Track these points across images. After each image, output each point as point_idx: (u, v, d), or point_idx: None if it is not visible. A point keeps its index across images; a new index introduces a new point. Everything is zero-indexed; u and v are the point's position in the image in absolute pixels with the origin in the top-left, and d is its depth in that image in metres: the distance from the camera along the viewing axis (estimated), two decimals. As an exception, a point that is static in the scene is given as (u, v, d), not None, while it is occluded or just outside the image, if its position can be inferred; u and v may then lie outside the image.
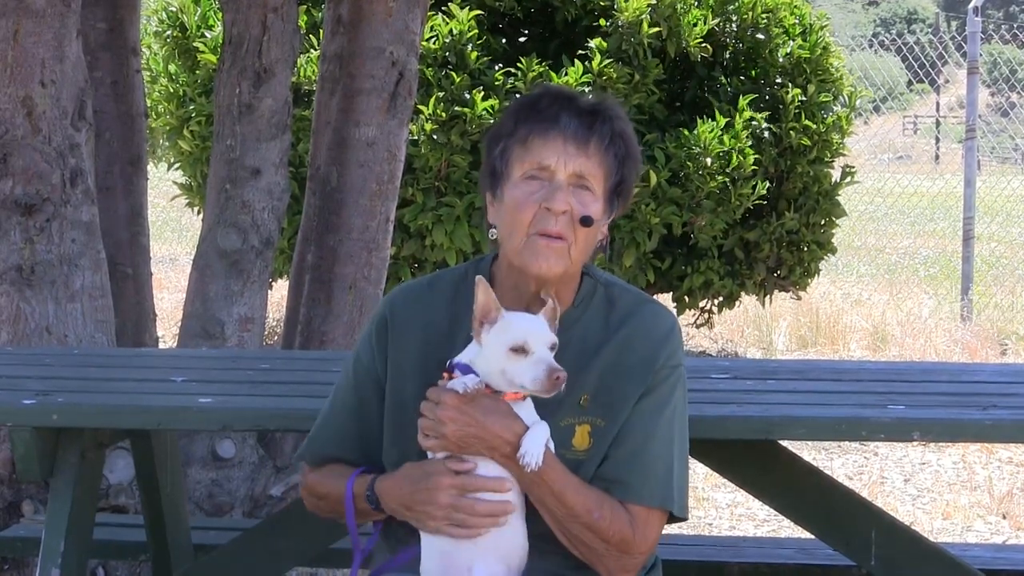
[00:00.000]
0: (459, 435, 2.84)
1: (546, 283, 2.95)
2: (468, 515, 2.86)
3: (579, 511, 2.87)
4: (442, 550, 2.89)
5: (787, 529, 6.17)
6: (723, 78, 9.65)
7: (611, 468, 2.94)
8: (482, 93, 8.62)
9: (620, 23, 9.00)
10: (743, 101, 9.14)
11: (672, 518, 3.01)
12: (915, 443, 7.67)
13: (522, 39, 9.61)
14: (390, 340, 3.07)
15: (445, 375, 2.89)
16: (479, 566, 2.87)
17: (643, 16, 8.97)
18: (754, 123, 9.21)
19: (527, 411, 2.87)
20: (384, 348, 3.07)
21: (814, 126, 9.52)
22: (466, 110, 8.57)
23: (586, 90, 8.68)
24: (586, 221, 2.92)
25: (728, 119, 9.08)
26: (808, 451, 7.67)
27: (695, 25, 9.25)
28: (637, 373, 2.97)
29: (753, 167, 9.11)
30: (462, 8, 8.95)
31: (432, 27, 8.79)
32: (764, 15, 9.64)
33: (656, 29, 9.01)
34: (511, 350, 2.82)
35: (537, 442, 2.83)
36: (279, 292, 10.39)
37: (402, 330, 3.06)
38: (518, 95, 8.70)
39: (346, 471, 3.06)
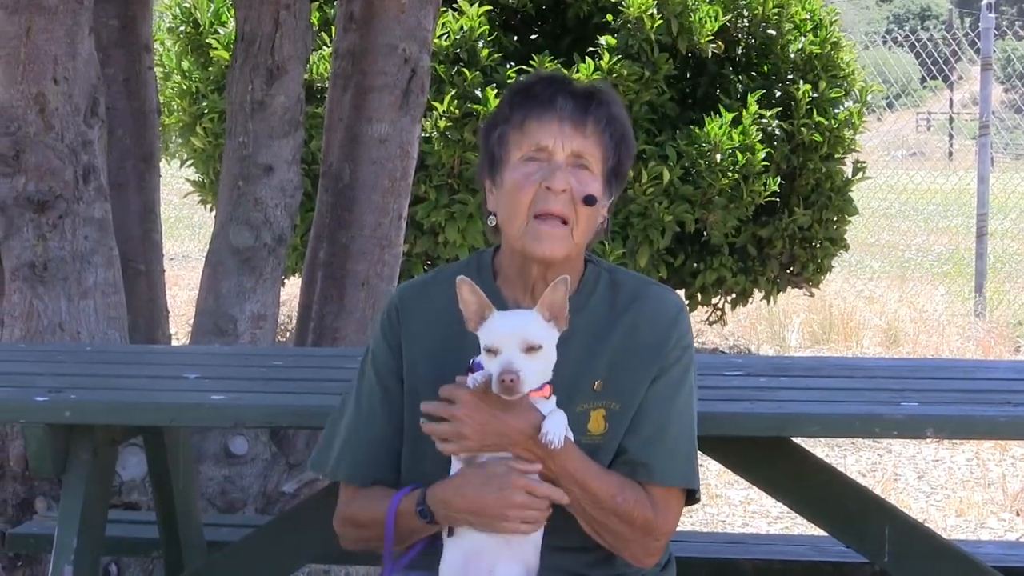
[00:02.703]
0: (479, 433, 2.85)
1: (550, 267, 2.96)
2: (538, 511, 2.87)
3: (602, 496, 2.89)
4: (465, 551, 2.90)
5: (800, 526, 6.16)
6: (734, 74, 9.63)
7: (633, 451, 2.95)
8: (495, 90, 8.61)
9: (627, 19, 8.99)
10: (752, 98, 9.12)
11: (687, 500, 3.03)
12: (928, 440, 7.66)
13: (534, 36, 9.60)
14: (402, 334, 3.07)
15: (468, 374, 2.89)
16: (501, 567, 2.89)
17: (649, 12, 8.95)
18: (764, 119, 9.19)
19: (547, 405, 2.88)
20: (397, 342, 3.07)
21: (826, 122, 9.50)
22: (479, 107, 8.57)
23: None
24: (589, 200, 2.94)
25: (735, 115, 9.05)
26: (821, 448, 7.67)
27: (706, 22, 9.23)
28: (649, 355, 2.98)
29: (764, 163, 9.09)
30: (472, 4, 8.94)
31: (443, 24, 8.79)
32: (775, 11, 9.61)
33: (660, 22, 8.98)
34: (485, 351, 2.84)
35: (558, 424, 2.84)
36: (292, 289, 10.40)
37: (411, 324, 3.07)
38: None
39: (387, 492, 3.02)
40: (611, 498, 2.90)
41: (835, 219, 9.91)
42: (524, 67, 8.80)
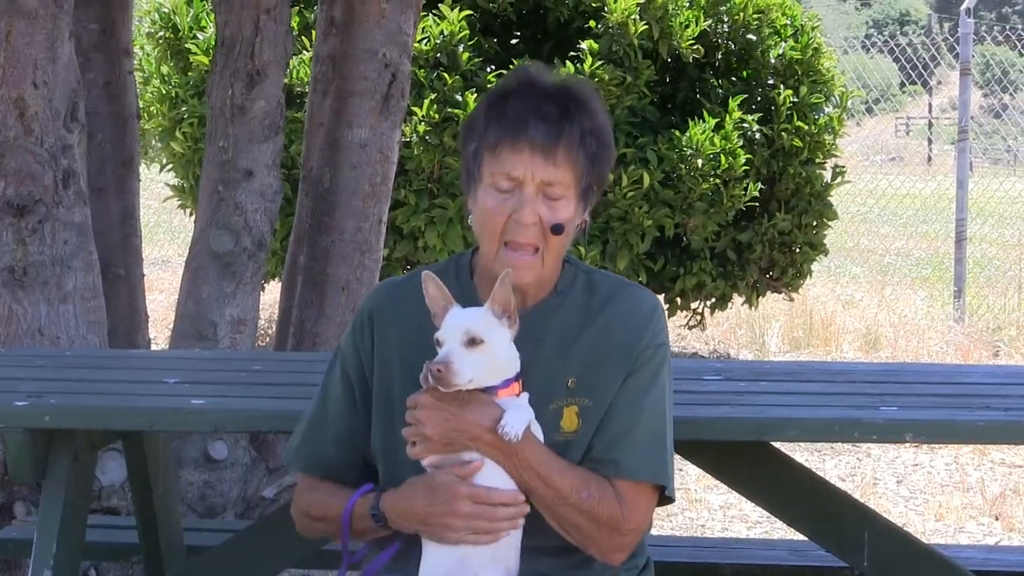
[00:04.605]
0: (440, 432, 2.86)
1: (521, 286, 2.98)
2: (489, 521, 2.88)
3: (566, 492, 2.90)
4: (446, 556, 2.90)
5: (780, 531, 6.17)
6: (715, 79, 9.65)
7: (600, 448, 2.97)
8: (475, 94, 8.62)
9: (610, 24, 9.01)
10: (733, 102, 9.14)
11: (661, 500, 3.03)
12: (908, 444, 7.69)
13: (514, 41, 9.61)
14: (375, 335, 3.09)
15: None
16: (482, 572, 2.89)
17: (632, 17, 8.97)
18: (745, 124, 9.21)
19: (516, 403, 2.89)
20: (369, 343, 3.09)
21: (806, 127, 9.52)
22: (459, 112, 8.57)
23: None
24: (557, 230, 2.95)
25: (718, 120, 9.08)
26: (801, 452, 7.68)
27: (687, 26, 9.25)
28: (622, 353, 3.00)
29: (744, 168, 9.11)
30: (453, 8, 8.94)
31: (423, 28, 8.79)
32: (755, 16, 9.64)
33: (644, 27, 9.00)
34: (435, 344, 2.86)
35: (519, 418, 2.86)
36: (272, 293, 10.39)
37: (386, 325, 3.09)
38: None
39: (343, 491, 3.06)
40: (575, 492, 2.90)
41: (815, 224, 9.93)
42: (504, 71, 8.80)
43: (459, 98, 8.65)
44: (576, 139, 2.95)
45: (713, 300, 9.98)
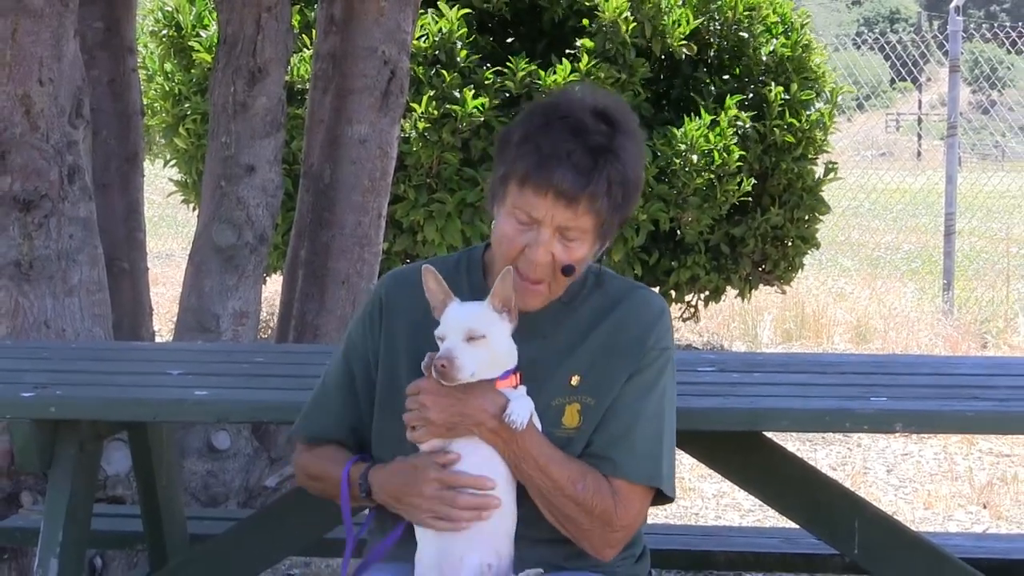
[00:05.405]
0: (443, 416, 2.91)
1: None
2: (450, 508, 2.92)
3: (563, 483, 2.94)
4: (437, 539, 2.95)
5: (772, 519, 6.24)
6: (708, 77, 9.70)
7: (599, 445, 3.01)
8: (472, 91, 8.68)
9: (603, 23, 9.06)
10: (730, 100, 9.20)
11: (661, 499, 3.08)
12: (897, 434, 7.74)
13: (510, 39, 9.66)
14: (384, 320, 3.14)
15: None
16: (471, 556, 2.93)
17: (623, 15, 9.03)
18: (738, 121, 9.26)
19: (515, 395, 2.95)
20: (378, 328, 3.15)
21: (798, 123, 9.57)
22: (456, 108, 8.63)
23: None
24: (568, 271, 2.99)
25: (713, 117, 9.14)
26: (792, 442, 7.74)
27: (679, 25, 9.30)
28: (627, 353, 3.04)
29: (738, 163, 9.17)
30: (450, 6, 9.00)
31: (422, 26, 8.84)
32: (746, 13, 9.67)
33: (635, 25, 9.06)
34: (437, 338, 2.91)
35: (523, 406, 2.92)
36: (273, 287, 10.44)
37: (395, 312, 3.14)
38: (508, 94, 8.75)
39: (340, 455, 3.13)
40: (572, 484, 2.95)
41: (807, 218, 9.97)
42: (501, 68, 8.85)
43: (457, 95, 8.71)
44: (602, 190, 2.95)
45: (707, 293, 10.03)
